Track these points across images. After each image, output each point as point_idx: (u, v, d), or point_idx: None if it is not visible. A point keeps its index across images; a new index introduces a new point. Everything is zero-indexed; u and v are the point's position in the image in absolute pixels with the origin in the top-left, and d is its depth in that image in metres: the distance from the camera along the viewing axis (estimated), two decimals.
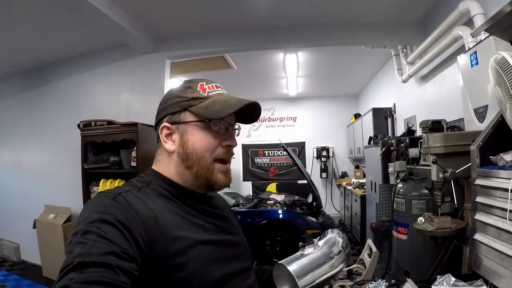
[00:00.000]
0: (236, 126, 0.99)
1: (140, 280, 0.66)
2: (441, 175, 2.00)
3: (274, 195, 5.80)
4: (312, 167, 8.32)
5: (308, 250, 1.04)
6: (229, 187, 4.84)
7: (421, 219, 2.00)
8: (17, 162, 5.37)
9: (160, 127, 0.94)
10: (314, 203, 4.90)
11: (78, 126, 3.85)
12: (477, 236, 1.57)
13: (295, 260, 1.00)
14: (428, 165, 2.39)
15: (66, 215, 4.37)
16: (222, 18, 3.78)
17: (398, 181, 2.78)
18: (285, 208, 4.91)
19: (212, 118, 0.88)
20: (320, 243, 1.09)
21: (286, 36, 4.02)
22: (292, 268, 0.96)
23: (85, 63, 4.61)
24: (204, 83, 0.95)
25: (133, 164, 3.56)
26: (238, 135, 1.01)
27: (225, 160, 0.94)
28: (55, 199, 4.58)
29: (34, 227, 4.58)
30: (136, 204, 0.76)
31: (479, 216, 1.57)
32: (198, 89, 0.93)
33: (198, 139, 0.89)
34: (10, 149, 5.52)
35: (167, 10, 3.52)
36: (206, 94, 0.92)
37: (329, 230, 1.20)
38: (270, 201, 5.29)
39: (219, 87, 0.97)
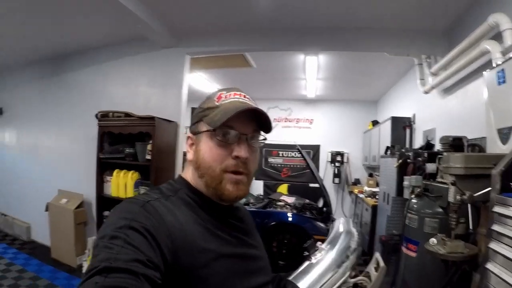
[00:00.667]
0: (261, 137, 0.94)
1: None
2: (458, 197, 1.94)
3: (285, 196, 5.77)
4: (325, 171, 8.24)
5: (315, 258, 1.02)
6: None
7: (433, 240, 1.95)
8: (34, 146, 5.54)
9: (187, 137, 0.98)
10: (325, 208, 4.85)
11: (96, 116, 3.89)
12: (489, 266, 1.52)
13: (304, 274, 0.98)
14: (445, 183, 2.33)
15: (78, 201, 4.48)
16: (243, 17, 3.74)
17: (412, 196, 2.72)
18: (295, 211, 4.88)
19: (214, 128, 0.86)
20: (326, 246, 1.06)
21: (307, 38, 3.97)
22: (303, 286, 0.94)
23: (105, 54, 4.67)
24: (224, 92, 0.93)
25: (148, 157, 3.59)
26: (261, 145, 0.94)
27: (238, 171, 0.89)
28: (69, 185, 4.72)
29: (47, 209, 4.70)
30: (163, 213, 0.77)
31: (493, 245, 1.52)
32: (215, 98, 0.92)
33: (207, 149, 0.89)
34: (29, 134, 5.70)
35: (188, 6, 3.51)
36: (218, 103, 0.90)
37: (340, 221, 1.16)
38: (280, 203, 5.27)
39: (239, 94, 0.93)
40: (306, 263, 1.02)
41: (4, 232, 5.76)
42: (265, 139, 0.95)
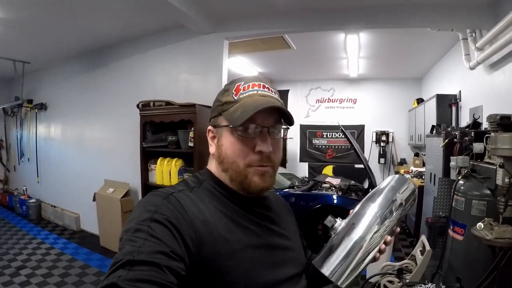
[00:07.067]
0: (284, 126, 0.92)
1: (187, 281, 0.67)
2: (507, 180, 1.86)
3: (330, 178, 5.70)
4: (370, 151, 8.03)
5: (335, 234, 0.93)
6: (274, 189, 4.64)
7: (480, 225, 1.90)
8: (79, 138, 5.75)
9: (207, 130, 0.96)
10: (370, 190, 4.76)
11: (137, 106, 3.96)
12: None
13: (324, 256, 0.87)
14: (492, 163, 2.24)
15: (124, 190, 4.61)
16: None
17: (459, 177, 2.63)
18: (340, 193, 4.82)
19: (234, 125, 0.85)
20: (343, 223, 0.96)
21: (347, 17, 3.81)
22: (326, 271, 0.82)
23: (145, 44, 4.72)
24: (242, 83, 0.90)
25: (190, 144, 3.62)
26: (284, 135, 0.93)
27: (262, 165, 0.88)
28: (115, 175, 4.86)
29: (94, 199, 4.88)
30: (187, 205, 0.77)
31: None
32: (233, 91, 0.89)
33: (229, 144, 0.88)
34: (73, 126, 5.91)
35: None
36: (236, 98, 0.88)
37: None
38: (325, 185, 5.22)
39: (258, 85, 0.90)
40: (328, 244, 0.90)
41: (54, 223, 6.07)
42: (287, 128, 0.93)
